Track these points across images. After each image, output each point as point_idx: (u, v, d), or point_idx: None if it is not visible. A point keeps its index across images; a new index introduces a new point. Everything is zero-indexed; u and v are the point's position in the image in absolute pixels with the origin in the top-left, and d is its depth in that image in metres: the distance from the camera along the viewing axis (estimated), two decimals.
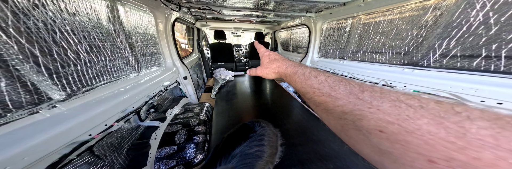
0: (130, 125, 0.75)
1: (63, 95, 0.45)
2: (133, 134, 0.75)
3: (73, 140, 0.43)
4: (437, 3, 0.69)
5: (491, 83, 0.57)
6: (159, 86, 0.98)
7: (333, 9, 1.22)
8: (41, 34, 0.40)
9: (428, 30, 0.74)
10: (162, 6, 0.99)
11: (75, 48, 0.48)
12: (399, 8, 0.85)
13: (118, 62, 0.68)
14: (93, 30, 0.55)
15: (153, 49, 1.03)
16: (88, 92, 0.52)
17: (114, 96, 0.61)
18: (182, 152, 0.74)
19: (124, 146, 0.67)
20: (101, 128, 0.53)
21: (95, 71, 0.56)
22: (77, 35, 0.49)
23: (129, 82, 0.73)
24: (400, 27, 0.86)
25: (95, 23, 0.56)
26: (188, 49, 2.27)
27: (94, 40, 0.55)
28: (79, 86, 0.50)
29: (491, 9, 0.54)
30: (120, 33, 0.69)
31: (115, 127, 0.60)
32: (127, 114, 0.65)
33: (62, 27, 0.45)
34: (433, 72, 0.74)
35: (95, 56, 0.56)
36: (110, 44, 0.63)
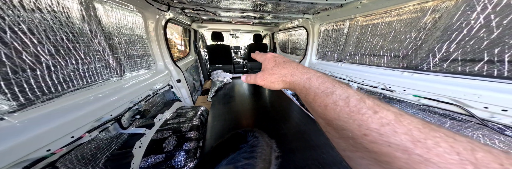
0: (109, 134, 0.68)
1: (13, 105, 0.38)
2: (113, 144, 0.68)
3: (24, 157, 0.36)
4: (436, 5, 0.67)
5: (495, 89, 0.53)
6: (147, 90, 0.92)
7: (331, 10, 1.20)
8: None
9: (427, 33, 0.71)
10: (151, 6, 0.95)
11: (33, 50, 0.42)
12: (396, 10, 0.83)
13: (94, 66, 0.61)
14: (60, 29, 0.49)
15: (141, 51, 0.97)
16: (50, 101, 0.46)
17: (86, 103, 0.55)
18: (170, 161, 0.68)
19: (100, 158, 0.60)
20: (66, 141, 0.46)
21: (62, 76, 0.49)
22: (37, 35, 0.43)
23: (108, 87, 0.67)
24: (398, 29, 0.84)
25: (64, 22, 0.51)
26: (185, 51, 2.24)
27: (62, 41, 0.49)
28: (38, 94, 0.43)
29: (492, 12, 0.51)
30: (98, 34, 0.63)
31: (86, 138, 0.53)
32: (103, 123, 0.59)
33: (15, 25, 0.39)
34: (433, 76, 0.70)
35: (63, 59, 0.50)
36: (84, 45, 0.57)
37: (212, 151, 0.50)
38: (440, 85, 0.65)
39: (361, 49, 1.08)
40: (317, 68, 1.53)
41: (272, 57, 0.24)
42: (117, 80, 0.74)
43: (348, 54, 1.20)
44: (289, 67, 0.20)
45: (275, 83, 0.21)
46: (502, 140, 0.52)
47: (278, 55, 0.24)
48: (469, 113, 0.56)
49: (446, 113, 0.65)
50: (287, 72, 0.20)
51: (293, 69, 0.20)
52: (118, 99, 0.68)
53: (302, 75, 0.19)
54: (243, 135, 0.54)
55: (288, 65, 0.21)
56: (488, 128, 0.53)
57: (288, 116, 1.31)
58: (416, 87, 0.73)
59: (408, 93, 0.76)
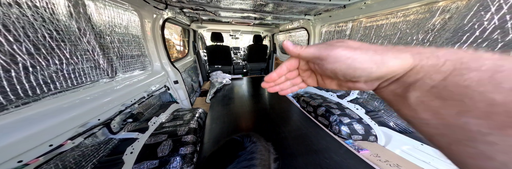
0: (96, 139, 0.63)
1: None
2: (101, 150, 0.63)
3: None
4: (446, 6, 0.64)
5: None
6: (141, 92, 0.88)
7: (333, 11, 1.18)
8: None
9: (435, 35, 0.69)
10: (147, 4, 0.92)
11: (8, 49, 0.38)
12: (403, 11, 0.80)
13: (82, 66, 0.57)
14: (43, 26, 0.45)
15: (136, 51, 0.93)
16: (27, 105, 0.41)
17: (71, 107, 0.50)
18: (165, 167, 0.63)
19: (86, 166, 0.55)
20: (42, 150, 0.41)
21: (42, 77, 0.45)
22: (13, 32, 0.39)
23: (97, 89, 0.62)
24: (404, 30, 0.81)
25: (48, 18, 0.47)
26: (184, 51, 2.20)
27: (43, 39, 0.45)
28: (11, 98, 0.38)
29: (508, 12, 0.49)
30: (87, 32, 0.59)
31: (69, 146, 0.48)
32: (88, 129, 0.54)
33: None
34: None
35: (44, 58, 0.45)
36: (71, 44, 0.53)
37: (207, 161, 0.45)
38: None
39: None
40: None
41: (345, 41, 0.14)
42: (108, 81, 0.70)
43: None
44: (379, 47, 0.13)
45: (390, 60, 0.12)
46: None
47: None
48: None
49: None
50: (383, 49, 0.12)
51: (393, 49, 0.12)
52: (108, 102, 0.63)
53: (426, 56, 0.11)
54: (239, 141, 0.49)
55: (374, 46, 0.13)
56: None
57: (288, 119, 1.26)
58: None
59: None
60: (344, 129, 1.01)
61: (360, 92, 1.14)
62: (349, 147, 0.87)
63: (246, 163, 0.40)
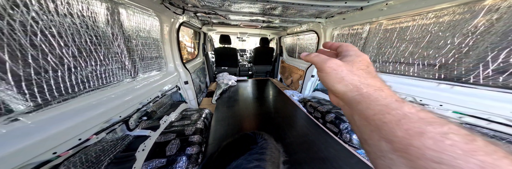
0: (115, 135, 0.67)
1: (30, 106, 0.38)
2: (118, 146, 0.67)
3: (28, 161, 0.35)
4: (494, 4, 0.55)
5: None
6: (156, 91, 0.93)
7: (347, 14, 1.13)
8: (16, 36, 0.35)
9: (477, 38, 0.60)
10: (167, 10, 0.99)
11: (58, 52, 0.44)
12: (434, 12, 0.71)
13: (112, 67, 0.63)
14: (86, 33, 0.51)
15: (154, 53, 1.00)
16: (66, 102, 0.46)
17: (99, 104, 0.55)
18: (172, 166, 0.65)
19: (104, 160, 0.58)
20: (73, 144, 0.45)
21: (81, 77, 0.50)
22: (64, 38, 0.45)
23: (121, 88, 0.67)
24: (435, 33, 0.72)
25: (91, 25, 0.53)
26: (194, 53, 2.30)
27: (85, 44, 0.51)
28: (55, 95, 0.44)
29: None
30: (118, 37, 0.66)
31: (93, 140, 0.52)
32: (111, 125, 0.58)
33: (46, 29, 0.40)
34: (484, 91, 0.59)
35: (84, 60, 0.51)
36: (105, 48, 0.59)
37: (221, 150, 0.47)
38: (494, 102, 0.55)
39: (383, 56, 0.98)
40: None
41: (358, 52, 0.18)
42: (130, 81, 0.75)
43: None
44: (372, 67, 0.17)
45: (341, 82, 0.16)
46: None
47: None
48: None
49: (500, 136, 0.55)
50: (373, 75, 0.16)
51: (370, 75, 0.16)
52: (129, 100, 0.68)
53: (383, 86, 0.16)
54: (252, 136, 0.51)
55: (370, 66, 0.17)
56: None
57: (294, 123, 1.24)
58: (457, 102, 0.63)
59: (446, 109, 0.66)
60: (355, 138, 0.96)
61: None
62: (362, 157, 0.82)
63: (257, 156, 0.41)
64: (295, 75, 2.14)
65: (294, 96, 1.83)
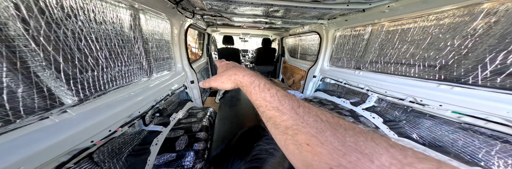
0: (133, 129, 0.73)
1: (75, 100, 0.45)
2: (135, 139, 0.73)
3: (75, 147, 0.42)
4: (492, 8, 0.56)
5: None
6: (167, 90, 0.99)
7: (350, 15, 1.13)
8: (68, 42, 0.42)
9: (476, 40, 0.60)
10: (178, 14, 1.05)
11: (95, 55, 0.50)
12: (435, 14, 0.71)
13: (132, 67, 0.70)
14: (115, 37, 0.58)
15: (166, 54, 1.07)
16: (99, 97, 0.53)
17: (123, 100, 0.61)
18: (181, 160, 0.70)
19: (124, 152, 0.64)
20: (105, 134, 0.52)
21: (110, 76, 0.57)
22: (100, 43, 0.52)
23: (139, 86, 0.74)
24: (436, 35, 0.72)
25: (119, 31, 0.60)
26: (198, 53, 2.36)
27: (114, 47, 0.58)
28: (92, 91, 0.50)
29: None
30: (138, 40, 0.73)
31: (119, 133, 0.58)
32: (132, 119, 0.65)
33: (88, 35, 0.47)
34: (482, 91, 0.60)
35: (113, 62, 0.58)
36: (128, 50, 0.66)
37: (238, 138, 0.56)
38: (491, 102, 0.56)
39: (385, 57, 0.97)
40: (328, 75, 1.50)
41: (225, 64, 0.29)
42: (146, 80, 0.82)
43: (368, 61, 1.08)
44: (233, 69, 0.26)
45: (225, 83, 0.26)
46: None
47: (231, 62, 0.30)
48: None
49: (497, 135, 0.56)
50: (232, 72, 0.26)
51: (235, 70, 0.25)
52: (146, 98, 0.75)
53: (240, 74, 0.25)
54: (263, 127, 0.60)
55: (233, 68, 0.26)
56: None
57: None
58: (456, 102, 0.64)
59: (445, 109, 0.67)
60: None
61: (377, 100, 1.04)
62: None
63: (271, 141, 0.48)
64: (297, 75, 2.19)
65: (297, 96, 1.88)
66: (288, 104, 0.18)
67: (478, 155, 0.61)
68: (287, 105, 0.18)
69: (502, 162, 0.56)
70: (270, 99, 0.19)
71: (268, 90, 0.20)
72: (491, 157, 0.58)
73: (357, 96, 1.23)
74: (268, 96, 0.20)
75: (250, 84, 0.23)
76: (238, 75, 0.25)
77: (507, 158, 0.55)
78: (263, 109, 0.20)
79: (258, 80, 0.22)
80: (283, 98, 0.19)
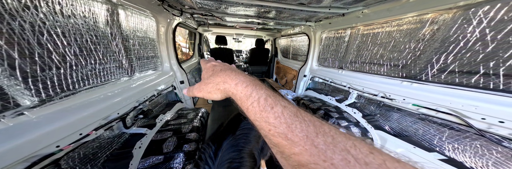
0: (112, 133, 0.68)
1: (35, 101, 0.40)
2: (114, 143, 0.68)
3: (34, 153, 0.37)
4: (435, 17, 0.70)
5: (492, 101, 0.55)
6: (152, 90, 0.94)
7: (332, 19, 1.25)
8: (25, 36, 0.38)
9: (425, 44, 0.74)
10: (164, 11, 1.01)
11: (62, 51, 0.46)
12: (397, 21, 0.86)
13: (109, 66, 0.65)
14: (87, 32, 0.54)
15: (150, 53, 1.02)
16: (67, 98, 0.48)
17: (98, 101, 0.57)
18: (169, 162, 0.66)
19: (100, 157, 0.59)
20: (74, 138, 0.47)
21: (81, 74, 0.52)
22: (67, 38, 0.47)
23: (118, 86, 0.69)
24: (397, 39, 0.87)
25: (91, 26, 0.56)
26: (189, 53, 2.30)
27: (86, 43, 0.54)
28: (58, 91, 0.45)
29: (487, 26, 0.55)
30: (116, 36, 0.68)
31: (92, 136, 0.53)
32: (109, 121, 0.60)
33: (52, 29, 0.43)
34: (432, 86, 0.72)
35: (84, 59, 0.53)
36: (104, 47, 0.62)
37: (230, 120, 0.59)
38: (439, 95, 0.66)
39: (361, 57, 1.11)
40: (318, 74, 1.57)
41: (210, 67, 0.22)
42: (127, 79, 0.77)
43: (348, 61, 1.22)
44: (222, 75, 0.19)
45: (212, 93, 0.20)
46: (500, 151, 0.53)
47: (218, 63, 0.23)
48: (467, 123, 0.58)
49: (444, 123, 0.66)
50: (220, 80, 0.19)
51: (225, 76, 0.19)
52: (126, 98, 0.70)
53: (231, 82, 0.18)
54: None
55: (222, 73, 0.20)
56: (485, 138, 0.54)
57: None
58: (415, 96, 0.75)
59: (408, 102, 0.78)
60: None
61: (357, 97, 1.15)
62: None
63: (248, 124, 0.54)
64: (289, 75, 2.23)
65: (289, 95, 1.91)
66: (301, 129, 0.13)
67: (434, 142, 0.72)
68: (299, 131, 0.13)
69: (451, 146, 0.66)
70: (275, 121, 0.14)
71: (271, 108, 0.15)
72: (443, 143, 0.69)
73: (341, 94, 1.34)
74: (271, 117, 0.14)
75: (246, 99, 0.16)
76: (228, 83, 0.18)
77: (454, 142, 0.66)
78: (266, 133, 0.15)
79: (257, 93, 0.16)
80: (293, 121, 0.14)
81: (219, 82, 0.19)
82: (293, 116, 0.14)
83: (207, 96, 0.21)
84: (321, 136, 0.13)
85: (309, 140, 0.13)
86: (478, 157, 0.58)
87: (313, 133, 0.13)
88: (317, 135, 0.13)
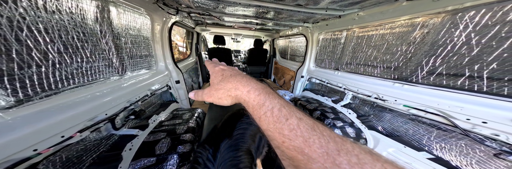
0: (99, 134, 0.65)
1: (10, 101, 0.37)
2: (102, 145, 0.65)
3: (7, 158, 0.34)
4: (425, 21, 0.72)
5: (476, 103, 0.57)
6: (145, 90, 0.91)
7: (329, 20, 1.28)
8: (1, 31, 0.35)
9: (416, 47, 0.76)
10: (160, 9, 0.99)
11: (43, 48, 0.43)
12: (390, 24, 0.89)
13: (98, 64, 0.62)
14: (73, 29, 0.51)
15: (144, 52, 0.99)
16: (48, 98, 0.45)
17: (84, 101, 0.54)
18: (162, 164, 0.63)
19: (86, 160, 0.56)
20: (55, 141, 0.44)
21: (65, 73, 0.49)
22: (50, 34, 0.44)
23: (107, 85, 0.66)
24: (390, 42, 0.89)
25: (79, 22, 0.53)
26: (186, 52, 2.27)
27: (72, 40, 0.51)
28: (38, 91, 0.43)
29: (473, 30, 0.58)
30: (107, 34, 0.66)
31: (76, 139, 0.51)
32: (96, 123, 0.57)
33: (33, 24, 0.40)
34: (421, 88, 0.74)
35: (69, 57, 0.51)
36: (92, 45, 0.59)
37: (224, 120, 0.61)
38: (428, 96, 0.69)
39: (356, 59, 1.13)
40: (315, 75, 1.58)
41: (219, 71, 0.21)
42: (117, 79, 0.74)
43: (344, 63, 1.25)
44: (233, 81, 0.19)
45: (222, 99, 0.19)
46: (483, 150, 0.56)
47: (227, 67, 0.22)
48: (453, 124, 0.61)
49: (433, 123, 0.69)
50: (231, 86, 0.19)
51: (236, 83, 0.19)
52: (116, 98, 0.67)
53: (243, 88, 0.18)
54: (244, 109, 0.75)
55: (233, 78, 0.19)
56: (470, 138, 0.57)
57: None
58: (406, 97, 0.77)
59: (399, 103, 0.81)
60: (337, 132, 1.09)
61: (352, 98, 1.19)
62: None
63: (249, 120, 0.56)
64: (287, 76, 2.24)
65: (286, 95, 1.91)
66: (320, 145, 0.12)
67: (423, 141, 0.75)
68: (317, 146, 0.12)
69: (439, 146, 0.69)
70: (290, 134, 0.13)
71: (285, 120, 0.14)
72: (431, 142, 0.72)
73: (337, 94, 1.37)
74: (285, 129, 0.13)
75: (259, 107, 0.16)
76: (240, 90, 0.18)
77: (441, 142, 0.69)
78: (278, 145, 0.14)
79: (270, 102, 0.15)
80: (310, 135, 0.12)
81: (231, 89, 0.19)
82: (310, 130, 0.13)
83: (217, 102, 0.20)
84: (343, 154, 0.12)
85: (330, 158, 0.11)
86: (463, 156, 0.61)
87: (334, 151, 0.12)
88: (339, 153, 0.12)
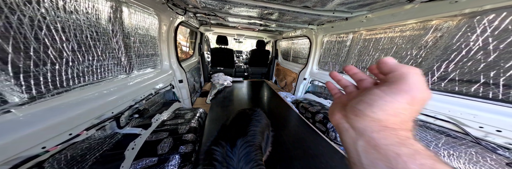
0: (103, 133, 0.65)
1: (24, 98, 0.38)
2: (105, 144, 0.65)
3: (16, 155, 0.34)
4: (439, 24, 0.68)
5: (490, 110, 0.55)
6: (150, 89, 0.92)
7: (335, 23, 1.25)
8: (22, 30, 0.36)
9: (427, 51, 0.73)
10: (168, 9, 1.01)
11: (59, 46, 0.44)
12: (400, 27, 0.85)
13: (108, 63, 0.63)
14: (88, 28, 0.52)
15: (151, 51, 1.00)
16: (59, 95, 0.46)
17: (92, 99, 0.54)
18: (163, 165, 0.63)
19: (89, 159, 0.56)
20: (63, 139, 0.44)
21: (77, 71, 0.50)
22: (67, 33, 0.46)
23: (115, 84, 0.67)
24: (399, 45, 0.86)
25: (93, 22, 0.54)
26: (189, 52, 2.29)
27: (86, 39, 0.52)
28: (50, 88, 0.43)
29: (491, 35, 0.53)
30: (118, 33, 0.67)
31: (83, 137, 0.51)
32: (102, 121, 0.57)
33: (52, 24, 0.41)
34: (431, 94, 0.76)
35: (82, 55, 0.52)
36: (104, 43, 0.60)
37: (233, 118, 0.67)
38: (438, 103, 0.66)
39: (362, 62, 1.11)
40: (317, 78, 1.57)
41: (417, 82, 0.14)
42: (124, 77, 0.74)
43: None
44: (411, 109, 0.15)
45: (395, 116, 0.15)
46: (494, 158, 0.54)
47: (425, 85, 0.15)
48: (464, 131, 0.58)
49: (442, 130, 0.67)
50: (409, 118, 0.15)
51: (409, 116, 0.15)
52: (122, 97, 0.67)
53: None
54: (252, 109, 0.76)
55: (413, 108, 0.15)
56: (481, 146, 0.55)
57: (287, 123, 1.30)
58: None
59: None
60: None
61: None
62: (344, 153, 0.92)
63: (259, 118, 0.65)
64: (289, 77, 2.24)
65: (288, 97, 1.91)
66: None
67: (430, 147, 0.73)
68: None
69: (446, 153, 0.68)
70: None
71: None
72: (439, 149, 0.70)
73: None
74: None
75: None
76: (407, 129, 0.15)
77: (449, 149, 0.67)
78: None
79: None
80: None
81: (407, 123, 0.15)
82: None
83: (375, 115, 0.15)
84: None
85: None
86: (472, 164, 0.59)
87: None
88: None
